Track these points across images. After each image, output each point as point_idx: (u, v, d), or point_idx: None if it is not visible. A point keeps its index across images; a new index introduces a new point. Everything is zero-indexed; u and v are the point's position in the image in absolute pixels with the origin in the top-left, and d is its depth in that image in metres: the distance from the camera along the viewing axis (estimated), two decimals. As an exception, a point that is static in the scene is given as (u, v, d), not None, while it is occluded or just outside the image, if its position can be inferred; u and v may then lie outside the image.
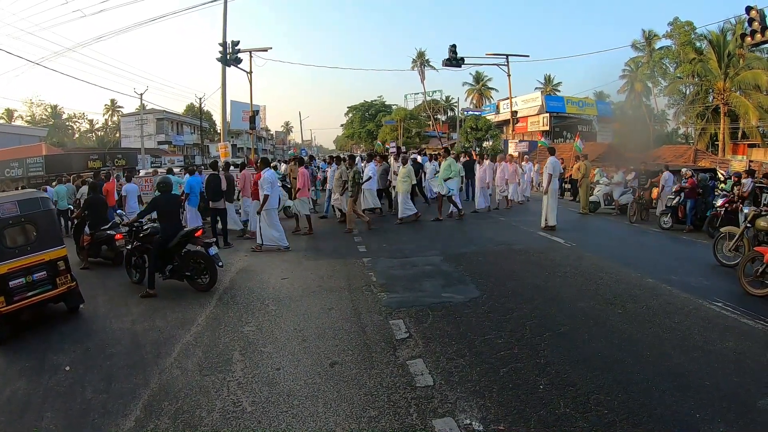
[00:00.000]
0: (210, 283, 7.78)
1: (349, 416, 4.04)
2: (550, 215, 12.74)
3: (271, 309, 6.89)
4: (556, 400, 4.18)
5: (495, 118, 52.35)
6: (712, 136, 40.66)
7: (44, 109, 71.85)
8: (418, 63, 57.18)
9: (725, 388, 4.40)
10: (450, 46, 27.77)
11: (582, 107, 47.71)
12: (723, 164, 27.05)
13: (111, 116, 75.85)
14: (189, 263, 7.88)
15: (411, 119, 54.33)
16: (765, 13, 15.50)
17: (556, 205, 12.97)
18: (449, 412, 4.05)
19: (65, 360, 5.46)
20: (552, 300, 6.95)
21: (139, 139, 47.34)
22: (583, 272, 8.37)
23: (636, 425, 3.80)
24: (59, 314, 7.02)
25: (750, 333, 5.74)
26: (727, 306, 6.60)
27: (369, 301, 7.09)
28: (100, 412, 4.30)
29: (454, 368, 4.84)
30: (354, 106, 66.78)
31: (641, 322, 6.08)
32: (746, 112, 36.25)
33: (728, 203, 11.86)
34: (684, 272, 8.47)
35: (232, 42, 22.74)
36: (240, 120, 29.23)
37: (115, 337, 6.11)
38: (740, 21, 31.77)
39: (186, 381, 4.81)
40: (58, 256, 6.79)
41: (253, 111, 26.64)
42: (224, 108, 25.05)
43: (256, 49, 25.53)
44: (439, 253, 9.97)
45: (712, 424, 3.80)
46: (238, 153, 60.69)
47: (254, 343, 5.69)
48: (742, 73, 36.43)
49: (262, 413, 4.14)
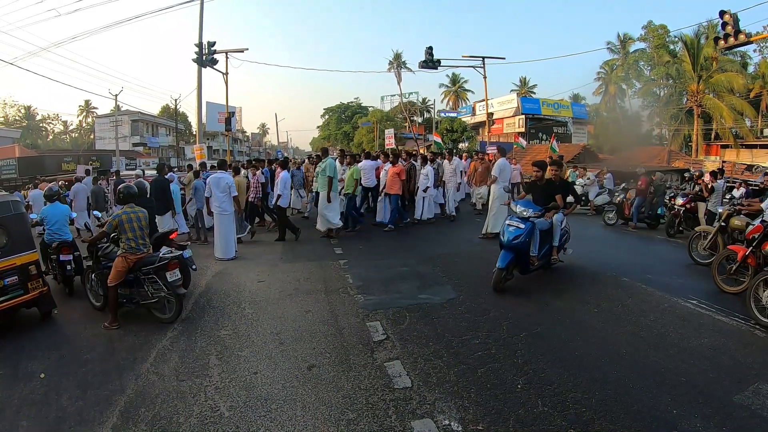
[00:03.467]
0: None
1: (327, 419, 4.01)
2: (492, 222, 11.52)
3: (247, 312, 6.82)
4: (533, 399, 4.20)
5: (471, 120, 52.60)
6: (686, 137, 41.39)
7: (17, 110, 70.80)
8: (394, 65, 57.09)
9: (701, 383, 4.46)
10: (426, 47, 27.80)
11: (557, 109, 48.12)
12: (696, 165, 27.50)
13: (85, 117, 75.04)
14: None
15: (387, 121, 54.30)
16: (738, 17, 15.77)
17: (504, 211, 10.87)
18: (428, 413, 4.04)
19: (40, 367, 5.33)
20: (528, 300, 7.00)
21: (113, 140, 46.74)
22: (559, 272, 8.44)
23: (613, 422, 3.83)
24: (32, 320, 6.86)
25: (724, 329, 5.83)
26: (702, 303, 6.70)
27: (346, 303, 7.06)
28: (77, 420, 4.21)
29: (432, 369, 4.84)
30: (330, 108, 66.48)
31: (617, 320, 6.14)
32: (720, 114, 36.95)
33: (688, 203, 12.10)
34: (659, 271, 8.57)
35: (208, 43, 22.51)
36: (216, 121, 28.79)
37: (89, 343, 5.98)
38: (713, 25, 32.35)
39: (163, 386, 4.72)
40: (30, 260, 6.64)
41: (229, 112, 26.36)
42: (200, 109, 24.81)
43: (232, 50, 25.32)
44: (415, 255, 9.98)
45: (688, 420, 3.85)
46: (213, 155, 60.19)
47: (231, 347, 5.62)
48: (715, 76, 37.13)
49: (240, 418, 4.09)
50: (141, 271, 6.51)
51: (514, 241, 7.13)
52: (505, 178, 12.08)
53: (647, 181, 13.46)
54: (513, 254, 7.17)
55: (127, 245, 6.46)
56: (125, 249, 6.48)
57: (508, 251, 7.18)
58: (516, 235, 7.13)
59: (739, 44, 16.76)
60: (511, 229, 7.23)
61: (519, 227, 7.20)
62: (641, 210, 13.51)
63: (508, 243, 7.17)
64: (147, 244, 6.74)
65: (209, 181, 10.39)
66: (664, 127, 44.78)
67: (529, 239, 7.28)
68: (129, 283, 6.64)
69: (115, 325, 6.36)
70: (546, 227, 7.74)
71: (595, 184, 17.66)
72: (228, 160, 13.84)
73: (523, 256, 7.30)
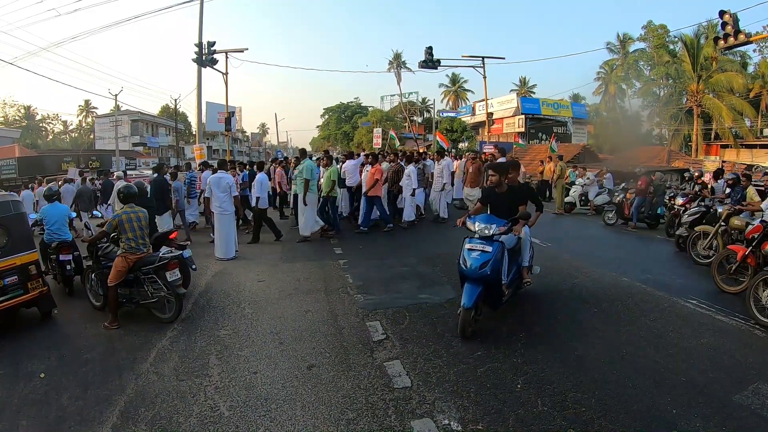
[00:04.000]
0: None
1: (327, 419, 4.01)
2: None
3: (247, 312, 6.82)
4: (533, 399, 4.20)
5: (471, 120, 52.63)
6: (686, 137, 41.40)
7: (17, 110, 70.77)
8: (394, 65, 57.10)
9: (701, 383, 4.46)
10: (426, 47, 27.81)
11: (557, 109, 48.11)
12: (696, 165, 27.51)
13: (85, 117, 74.98)
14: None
15: (387, 121, 54.26)
16: (738, 17, 15.77)
17: None
18: (427, 412, 4.05)
19: (40, 367, 5.33)
20: (528, 300, 6.99)
21: (113, 140, 46.70)
22: (559, 272, 8.42)
23: (613, 422, 3.83)
24: (32, 320, 6.86)
25: (724, 329, 5.83)
26: (702, 303, 6.70)
27: (346, 303, 7.07)
28: (77, 420, 4.21)
29: (432, 369, 4.84)
30: (330, 108, 66.38)
31: (617, 320, 6.15)
32: (719, 114, 36.96)
33: (688, 203, 12.09)
34: (659, 271, 8.57)
35: (207, 43, 22.46)
36: (215, 121, 28.73)
37: (89, 343, 5.99)
38: (713, 24, 32.36)
39: (163, 386, 4.73)
40: (30, 260, 6.63)
41: (229, 112, 26.32)
42: (199, 109, 24.76)
43: (232, 50, 25.29)
44: (415, 255, 9.98)
45: (688, 420, 3.85)
46: (213, 155, 60.17)
47: (231, 346, 5.63)
48: (715, 76, 37.14)
49: (240, 417, 4.09)
50: (141, 271, 6.52)
51: (482, 269, 5.47)
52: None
53: (647, 180, 13.44)
54: (482, 286, 5.51)
55: (127, 245, 6.46)
56: (125, 249, 6.48)
57: (475, 284, 5.52)
58: (483, 262, 5.50)
59: (739, 44, 16.77)
60: (475, 255, 5.60)
61: (485, 251, 5.59)
62: (641, 210, 13.50)
63: (474, 273, 5.51)
64: (147, 244, 6.74)
65: (209, 180, 10.37)
66: (664, 127, 44.81)
67: (500, 264, 5.70)
68: (129, 282, 6.64)
69: (115, 324, 6.36)
70: (513, 245, 6.22)
71: (595, 184, 17.64)
72: (228, 160, 13.74)
73: (495, 286, 5.69)
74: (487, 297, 5.75)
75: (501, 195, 6.50)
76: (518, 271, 6.47)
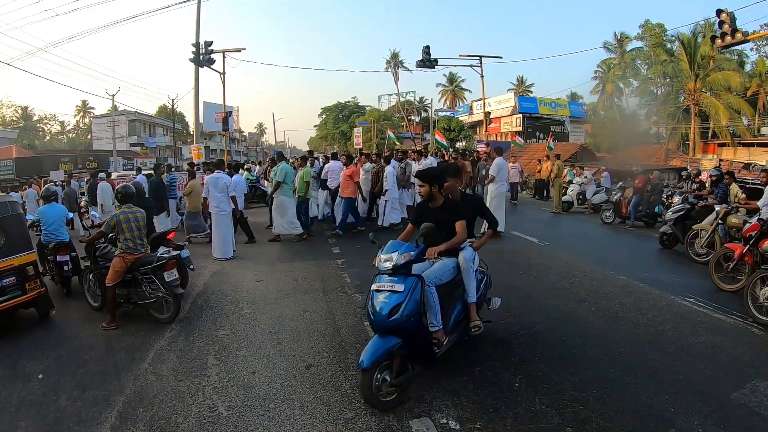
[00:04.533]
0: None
1: (326, 418, 4.01)
2: None
3: (245, 312, 6.82)
4: (531, 398, 4.20)
5: (468, 119, 52.66)
6: (683, 135, 41.40)
7: (14, 110, 70.64)
8: (391, 64, 56.99)
9: (698, 381, 4.48)
10: (424, 47, 27.69)
11: (554, 108, 48.16)
12: (693, 163, 27.52)
13: (82, 118, 74.86)
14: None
15: (385, 120, 54.20)
16: (735, 15, 15.78)
17: (503, 206, 11.77)
18: (425, 411, 4.05)
19: (38, 367, 5.32)
20: (526, 298, 7.00)
21: (111, 141, 46.66)
22: (556, 271, 8.44)
23: (611, 420, 3.83)
24: (30, 320, 6.85)
25: (722, 327, 5.85)
26: (700, 302, 6.72)
27: (343, 302, 7.07)
28: (75, 420, 4.20)
29: (430, 368, 4.84)
30: (327, 107, 66.26)
31: (614, 319, 6.15)
32: (716, 113, 36.98)
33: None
34: (656, 269, 8.60)
35: (205, 42, 22.43)
36: (213, 121, 28.68)
37: (88, 343, 5.98)
38: (710, 23, 32.39)
39: (161, 386, 4.72)
40: (28, 261, 6.62)
41: (226, 112, 26.31)
42: (197, 109, 24.70)
43: (229, 50, 25.25)
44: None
45: (686, 418, 3.86)
46: (211, 155, 60.06)
47: (229, 346, 5.62)
48: (712, 75, 37.15)
49: (239, 417, 4.09)
50: (139, 271, 6.50)
51: (392, 317, 3.98)
52: (503, 178, 12.05)
53: (644, 179, 13.46)
54: (400, 339, 4.01)
55: (124, 245, 6.45)
56: (123, 249, 6.46)
57: (386, 336, 4.04)
58: (394, 306, 3.99)
59: (736, 43, 16.77)
60: (382, 298, 4.11)
61: (395, 290, 4.08)
62: (639, 208, 13.53)
63: (382, 322, 4.04)
64: (145, 244, 6.73)
65: (207, 181, 10.36)
66: (662, 126, 44.83)
67: (419, 307, 4.14)
68: (127, 283, 6.62)
69: (113, 325, 6.35)
70: (449, 276, 4.75)
71: (593, 183, 17.67)
72: (225, 160, 13.73)
73: (418, 336, 4.14)
74: (410, 351, 4.16)
75: (435, 211, 4.98)
76: (464, 311, 4.89)
